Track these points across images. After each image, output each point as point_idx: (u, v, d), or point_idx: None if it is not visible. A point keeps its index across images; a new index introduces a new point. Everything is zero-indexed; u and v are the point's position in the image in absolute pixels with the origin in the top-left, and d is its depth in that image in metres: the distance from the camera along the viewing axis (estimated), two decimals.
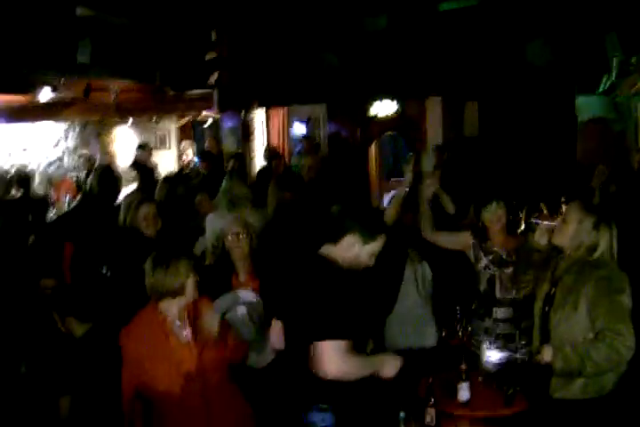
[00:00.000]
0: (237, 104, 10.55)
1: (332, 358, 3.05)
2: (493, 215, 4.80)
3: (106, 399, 4.04)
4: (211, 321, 3.59)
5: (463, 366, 3.79)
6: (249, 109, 10.93)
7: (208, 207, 6.64)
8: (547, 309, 3.75)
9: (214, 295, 4.19)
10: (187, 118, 12.23)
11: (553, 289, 3.76)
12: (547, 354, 3.46)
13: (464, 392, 3.77)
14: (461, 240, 4.96)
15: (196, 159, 10.57)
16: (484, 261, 4.82)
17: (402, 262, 5.05)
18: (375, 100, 11.22)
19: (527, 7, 9.35)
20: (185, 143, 11.22)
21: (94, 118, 11.94)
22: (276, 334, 3.38)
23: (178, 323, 3.63)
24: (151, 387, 3.57)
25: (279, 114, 11.37)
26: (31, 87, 9.51)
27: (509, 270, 4.67)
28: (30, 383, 4.58)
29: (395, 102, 11.19)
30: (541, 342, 3.72)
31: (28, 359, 4.78)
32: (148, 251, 4.26)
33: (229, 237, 4.76)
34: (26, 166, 10.58)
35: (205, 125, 11.86)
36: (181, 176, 9.70)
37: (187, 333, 3.62)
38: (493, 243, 4.84)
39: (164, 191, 7.14)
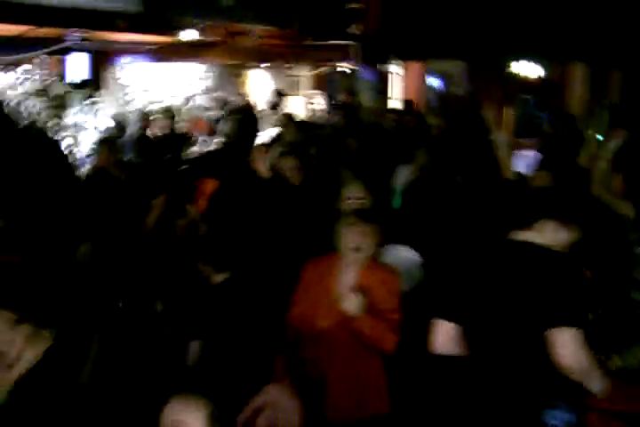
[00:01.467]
0: (377, 57, 10.41)
1: (572, 348, 2.85)
2: None
3: (236, 348, 4.14)
4: (352, 299, 3.54)
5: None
6: (387, 62, 10.77)
7: None
8: None
9: None
10: (323, 68, 12.19)
11: None
12: None
13: None
14: (621, 210, 4.55)
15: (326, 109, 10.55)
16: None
17: None
18: (515, 59, 10.83)
19: None
20: (315, 91, 11.21)
21: (235, 61, 12.08)
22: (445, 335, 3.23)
23: (346, 278, 3.69)
24: (301, 317, 3.72)
25: (416, 69, 11.17)
26: (176, 29, 9.72)
27: None
28: (164, 323, 4.77)
29: (537, 65, 10.77)
30: None
31: (164, 298, 4.97)
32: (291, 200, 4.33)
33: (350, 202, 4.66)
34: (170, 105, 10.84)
35: (340, 76, 11.81)
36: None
37: (347, 290, 3.64)
38: None
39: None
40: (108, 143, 6.42)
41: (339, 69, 12.01)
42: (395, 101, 10.91)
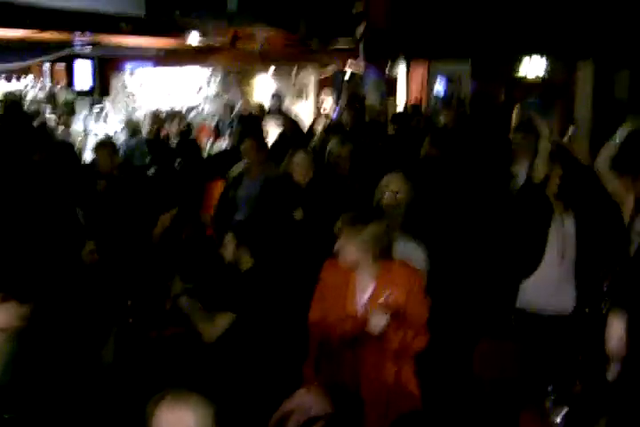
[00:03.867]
0: (382, 57, 10.38)
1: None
2: None
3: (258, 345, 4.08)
4: (377, 319, 3.40)
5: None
6: (394, 62, 10.74)
7: None
8: None
9: None
10: (329, 69, 12.16)
11: None
12: None
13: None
14: (624, 192, 4.49)
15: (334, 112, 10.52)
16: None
17: (547, 216, 4.67)
18: (521, 58, 10.77)
19: None
20: (324, 93, 11.18)
21: (239, 66, 12.09)
22: None
23: (363, 281, 3.58)
24: (323, 321, 3.61)
25: (421, 71, 11.13)
26: (180, 31, 9.73)
27: None
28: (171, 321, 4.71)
29: (543, 66, 10.71)
30: None
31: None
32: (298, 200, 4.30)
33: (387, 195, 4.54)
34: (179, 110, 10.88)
35: (346, 77, 11.77)
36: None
37: (366, 294, 3.55)
38: None
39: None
40: (107, 147, 6.37)
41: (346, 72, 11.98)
42: (399, 102, 10.87)
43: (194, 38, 9.69)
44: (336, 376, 3.57)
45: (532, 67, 10.77)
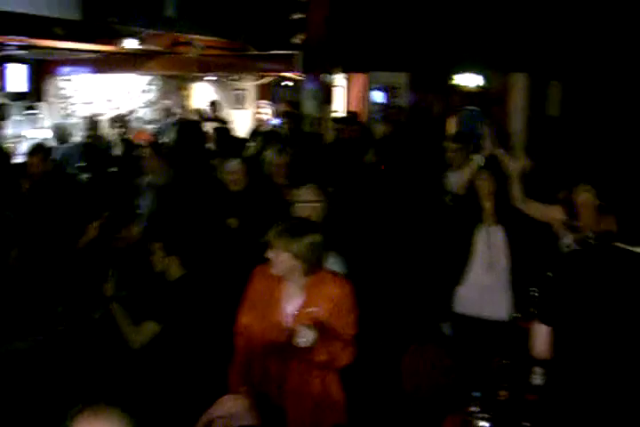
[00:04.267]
0: (321, 67, 10.43)
1: None
2: (582, 198, 4.65)
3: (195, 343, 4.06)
4: (304, 334, 3.32)
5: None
6: (332, 73, 10.80)
7: None
8: None
9: None
10: (267, 78, 12.19)
11: None
12: None
13: None
14: (551, 213, 4.80)
15: (273, 120, 10.56)
16: (567, 239, 4.66)
17: (472, 226, 4.88)
18: (458, 71, 10.96)
19: None
20: (262, 103, 11.21)
21: (176, 72, 12.01)
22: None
23: (292, 291, 3.54)
24: (249, 328, 3.57)
25: (360, 81, 11.24)
26: (118, 37, 9.61)
27: None
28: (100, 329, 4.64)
29: (479, 76, 10.91)
30: None
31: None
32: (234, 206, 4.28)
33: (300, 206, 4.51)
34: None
35: (284, 86, 11.82)
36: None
37: (295, 305, 3.52)
38: (583, 223, 4.62)
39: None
40: (39, 152, 6.25)
41: (284, 81, 12.01)
42: (338, 112, 10.93)
43: (131, 44, 9.58)
44: (261, 386, 3.52)
45: (469, 77, 10.97)
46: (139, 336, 4.08)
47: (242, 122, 12.10)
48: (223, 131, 8.65)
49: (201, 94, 13.49)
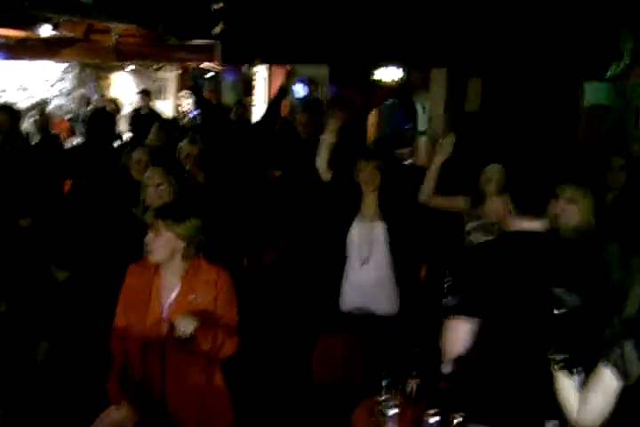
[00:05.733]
0: (240, 58, 10.34)
1: None
2: (489, 176, 4.66)
3: (84, 346, 3.98)
4: (184, 325, 3.26)
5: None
6: (251, 64, 10.73)
7: None
8: None
9: None
10: (186, 67, 12.03)
11: None
12: None
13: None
14: (456, 203, 4.81)
15: (194, 110, 10.42)
16: (469, 226, 4.68)
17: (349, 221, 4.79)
18: (378, 66, 11.04)
19: None
20: (183, 93, 11.06)
21: (93, 60, 11.72)
22: None
23: (169, 282, 3.45)
24: (126, 329, 3.46)
25: (281, 72, 11.19)
26: (31, 23, 9.31)
27: None
28: (9, 323, 4.52)
29: (399, 70, 11.02)
30: None
31: (8, 298, 4.72)
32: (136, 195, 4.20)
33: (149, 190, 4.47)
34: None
35: (206, 76, 11.68)
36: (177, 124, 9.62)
37: (172, 297, 3.43)
38: (487, 208, 4.64)
39: (158, 137, 7.02)
40: None
41: (203, 71, 11.88)
42: (258, 103, 10.89)
43: (45, 30, 9.30)
44: (143, 387, 3.40)
45: (389, 71, 11.06)
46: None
47: (164, 112, 11.91)
48: (138, 118, 8.49)
49: (121, 84, 13.23)
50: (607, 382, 2.43)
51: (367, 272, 4.71)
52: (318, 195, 5.07)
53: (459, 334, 2.88)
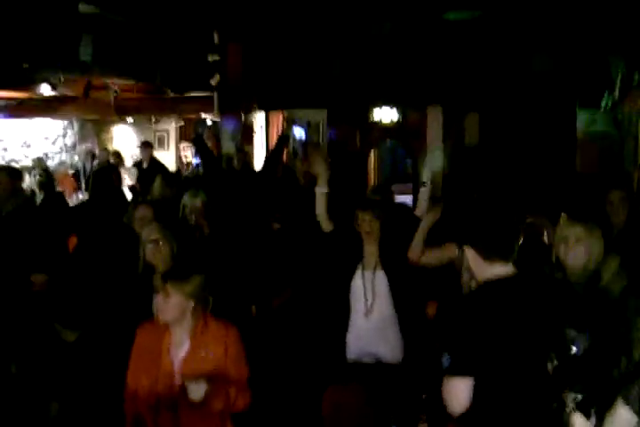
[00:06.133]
0: (237, 107, 10.50)
1: None
2: None
3: (95, 406, 3.99)
4: (195, 389, 3.26)
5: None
6: (249, 112, 10.88)
7: None
8: None
9: None
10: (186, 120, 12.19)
11: None
12: None
13: None
14: (446, 254, 4.57)
15: (195, 160, 10.54)
16: (467, 274, 4.62)
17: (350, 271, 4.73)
18: (375, 106, 11.18)
19: (532, 20, 9.34)
20: (185, 144, 11.19)
21: (93, 117, 11.91)
22: None
23: (179, 338, 3.47)
24: (139, 387, 3.45)
25: (279, 118, 11.33)
26: (31, 83, 9.50)
27: None
28: (20, 385, 4.54)
29: (396, 110, 11.16)
30: None
31: (18, 360, 4.74)
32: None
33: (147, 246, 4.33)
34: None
35: (206, 125, 11.83)
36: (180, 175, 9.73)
37: (183, 353, 3.45)
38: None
39: (162, 191, 7.07)
40: None
41: (206, 121, 12.03)
42: (258, 150, 11.00)
43: (45, 89, 9.48)
44: None
45: (386, 112, 11.20)
46: None
47: (165, 164, 12.04)
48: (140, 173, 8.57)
49: (122, 137, 13.41)
50: (625, 420, 2.45)
51: (371, 322, 4.65)
52: (320, 245, 5.06)
53: (458, 394, 2.83)
